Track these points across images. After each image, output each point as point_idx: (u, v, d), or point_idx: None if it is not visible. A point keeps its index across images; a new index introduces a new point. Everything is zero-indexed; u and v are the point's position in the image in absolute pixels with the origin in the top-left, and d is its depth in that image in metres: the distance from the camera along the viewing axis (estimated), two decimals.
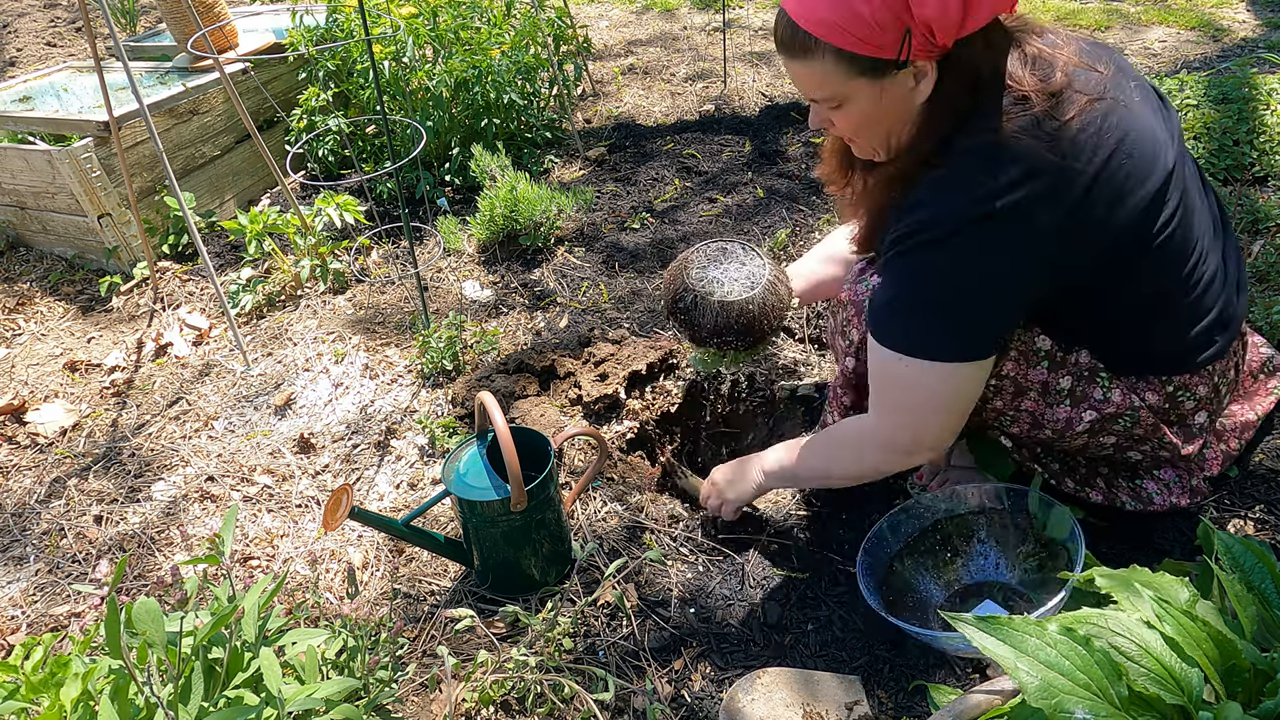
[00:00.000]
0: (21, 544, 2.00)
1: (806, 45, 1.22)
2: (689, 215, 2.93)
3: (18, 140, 3.06)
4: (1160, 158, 1.26)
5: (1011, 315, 1.31)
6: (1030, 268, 1.24)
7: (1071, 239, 1.22)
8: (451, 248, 2.86)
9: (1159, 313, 1.35)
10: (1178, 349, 1.38)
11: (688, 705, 1.47)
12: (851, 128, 1.33)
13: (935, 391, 1.33)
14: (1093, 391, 1.39)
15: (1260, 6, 4.34)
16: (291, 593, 1.76)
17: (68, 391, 2.51)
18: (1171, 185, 1.27)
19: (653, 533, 1.78)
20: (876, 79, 1.23)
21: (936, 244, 1.24)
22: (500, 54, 3.20)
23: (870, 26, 1.16)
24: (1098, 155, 1.20)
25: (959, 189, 1.22)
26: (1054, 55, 1.25)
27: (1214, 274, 1.37)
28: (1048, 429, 1.44)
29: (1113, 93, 1.25)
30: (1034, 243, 1.21)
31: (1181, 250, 1.31)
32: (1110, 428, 1.42)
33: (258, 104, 3.37)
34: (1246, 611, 1.05)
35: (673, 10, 5.16)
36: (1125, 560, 1.45)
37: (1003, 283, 1.25)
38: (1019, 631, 1.00)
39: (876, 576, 1.58)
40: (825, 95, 1.28)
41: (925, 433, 1.38)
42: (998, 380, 1.40)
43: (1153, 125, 1.28)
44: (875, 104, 1.26)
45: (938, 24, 1.15)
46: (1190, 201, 1.32)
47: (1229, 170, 2.59)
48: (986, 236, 1.21)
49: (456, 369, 2.29)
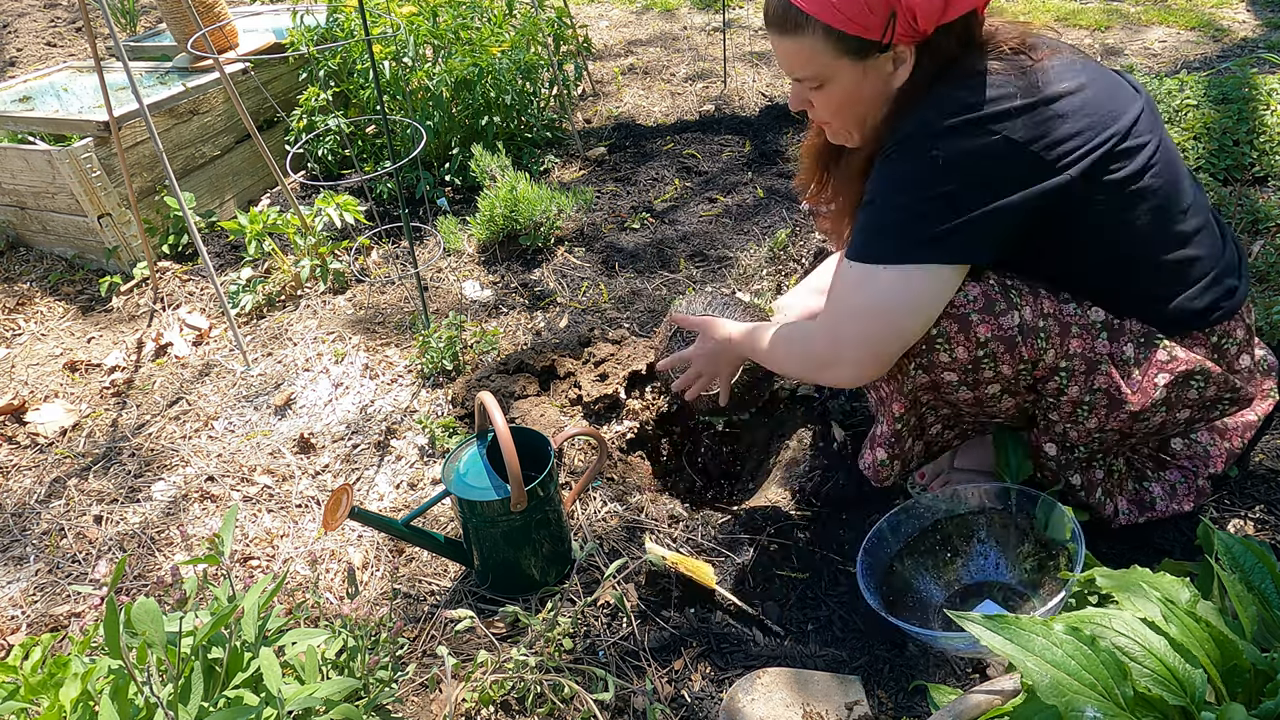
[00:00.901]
0: (21, 544, 2.00)
1: (798, 21, 1.28)
2: (689, 215, 2.93)
3: (18, 140, 3.06)
4: (1129, 100, 1.34)
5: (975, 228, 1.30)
6: (1002, 174, 1.27)
7: (1053, 151, 1.26)
8: (451, 248, 2.86)
9: (1175, 257, 1.38)
10: (1209, 299, 1.40)
11: (688, 705, 1.47)
12: (831, 109, 1.39)
13: (866, 294, 1.35)
14: (1156, 354, 1.39)
15: (1260, 6, 4.34)
16: (291, 593, 1.76)
17: (68, 391, 2.51)
18: (1142, 124, 1.32)
19: (653, 533, 1.78)
20: (859, 60, 1.29)
21: (909, 155, 1.30)
22: (500, 53, 3.20)
23: (859, 6, 1.22)
24: (1064, 83, 1.28)
25: (930, 108, 1.29)
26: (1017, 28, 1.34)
27: (1207, 221, 1.42)
28: (1128, 404, 1.40)
29: (1071, 49, 1.35)
30: (1003, 153, 1.25)
31: (1175, 186, 1.35)
32: (1186, 395, 1.41)
33: (258, 104, 3.37)
34: (1247, 612, 1.05)
35: (673, 10, 5.16)
36: (1125, 560, 1.46)
37: (961, 188, 1.28)
38: (1026, 631, 1.00)
39: (876, 576, 1.57)
40: (809, 74, 1.34)
41: (844, 342, 1.39)
42: (1069, 360, 1.39)
43: (1115, 78, 1.36)
44: (856, 85, 1.33)
45: (921, 9, 1.22)
46: (1168, 145, 1.37)
47: (1229, 170, 2.59)
48: (961, 143, 1.26)
49: (456, 369, 2.29)
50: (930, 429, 1.69)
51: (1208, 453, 1.57)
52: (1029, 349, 1.40)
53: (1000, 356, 1.41)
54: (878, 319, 1.35)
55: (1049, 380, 1.43)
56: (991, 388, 1.47)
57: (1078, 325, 1.39)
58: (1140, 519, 1.57)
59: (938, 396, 1.58)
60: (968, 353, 1.41)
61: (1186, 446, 1.57)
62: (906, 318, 1.35)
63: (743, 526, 1.80)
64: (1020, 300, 1.39)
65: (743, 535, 1.77)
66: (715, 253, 2.68)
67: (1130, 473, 1.59)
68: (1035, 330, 1.39)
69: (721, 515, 1.85)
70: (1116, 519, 1.57)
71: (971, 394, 1.51)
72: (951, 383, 1.49)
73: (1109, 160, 1.29)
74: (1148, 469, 1.58)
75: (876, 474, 1.64)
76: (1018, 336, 1.39)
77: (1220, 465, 1.57)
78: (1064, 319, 1.39)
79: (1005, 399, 1.50)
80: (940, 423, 1.69)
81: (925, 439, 1.70)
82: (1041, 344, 1.39)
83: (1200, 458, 1.57)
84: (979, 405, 1.54)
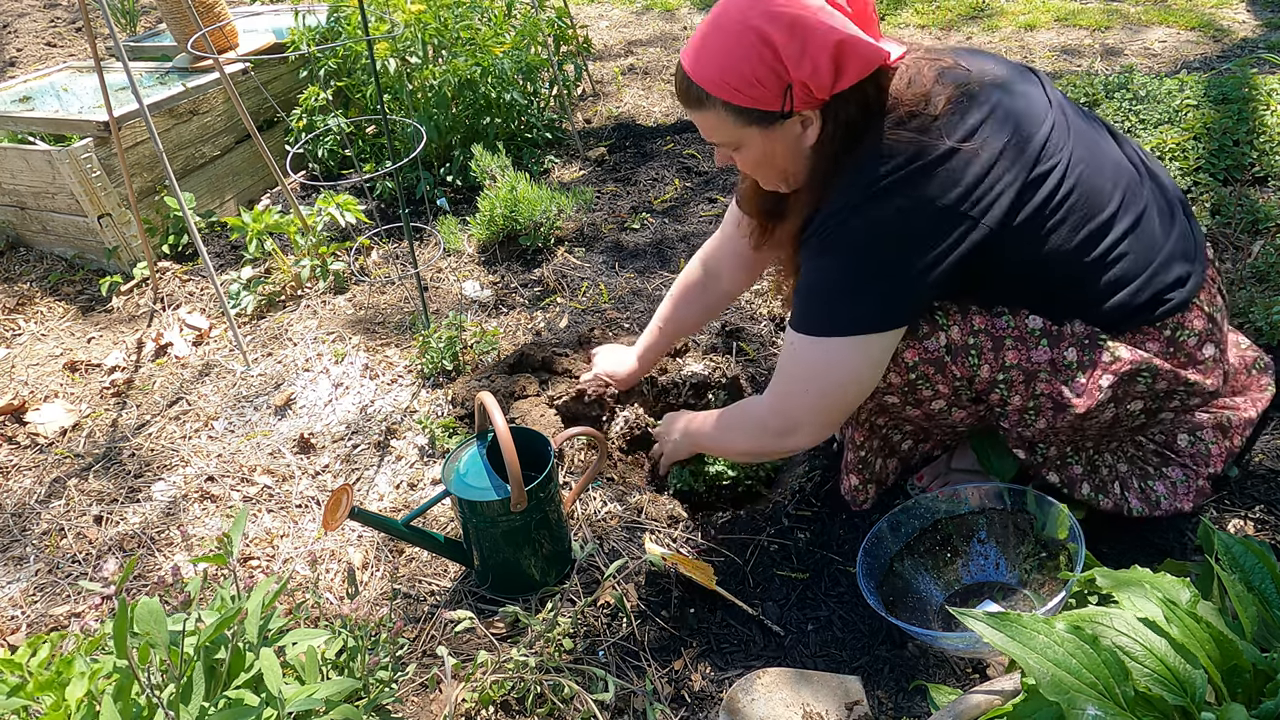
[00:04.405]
0: (21, 544, 2.00)
1: (700, 98, 1.36)
2: (689, 215, 2.93)
3: (18, 140, 3.06)
4: (1037, 120, 1.35)
5: (900, 295, 1.36)
6: (919, 239, 1.31)
7: (965, 202, 1.29)
8: (451, 248, 2.86)
9: (1105, 261, 1.38)
10: (1146, 293, 1.40)
11: (688, 705, 1.47)
12: (750, 166, 1.47)
13: (807, 365, 1.43)
14: (1100, 355, 1.39)
15: (1260, 6, 4.34)
16: (291, 593, 1.76)
17: (68, 391, 2.51)
18: (1052, 140, 1.35)
19: (653, 533, 1.78)
20: (765, 127, 1.35)
21: (829, 236, 1.36)
22: (502, 54, 3.20)
23: (753, 84, 1.30)
24: (966, 126, 1.31)
25: (848, 186, 1.33)
26: (923, 70, 1.36)
27: (1143, 213, 1.41)
28: (1072, 407, 1.42)
29: (978, 78, 1.37)
30: (920, 214, 1.29)
31: (1092, 194, 1.36)
32: (1133, 389, 1.41)
33: (258, 104, 3.37)
34: (1247, 612, 1.05)
35: (673, 10, 5.16)
36: (1125, 560, 1.46)
37: (886, 258, 1.33)
38: (1028, 629, 1.00)
39: (876, 576, 1.58)
40: (721, 140, 1.42)
41: (795, 413, 1.47)
42: (1005, 373, 1.40)
43: (1025, 96, 1.38)
44: (768, 148, 1.39)
45: (813, 83, 1.29)
46: (1087, 151, 1.39)
47: (1229, 170, 2.59)
48: (875, 213, 1.31)
49: (456, 369, 2.29)
50: (900, 445, 1.73)
51: (1209, 451, 1.57)
52: (960, 367, 1.43)
53: (932, 377, 1.46)
54: (823, 387, 1.43)
55: (990, 392, 1.45)
56: (936, 404, 1.51)
57: (1012, 337, 1.40)
58: (1149, 514, 1.57)
59: (891, 418, 1.61)
60: (900, 377, 1.47)
61: (1190, 444, 1.57)
62: (851, 384, 1.42)
63: (743, 527, 1.80)
64: (947, 320, 1.42)
65: (743, 535, 1.77)
66: None
67: (1134, 470, 1.59)
68: (965, 348, 1.41)
69: (721, 515, 1.85)
70: (1128, 511, 1.56)
71: (919, 410, 1.55)
72: (895, 404, 1.54)
73: (1022, 195, 1.32)
74: (1150, 466, 1.58)
75: (854, 498, 1.72)
76: (945, 357, 1.42)
77: (1220, 465, 1.57)
78: (996, 333, 1.40)
79: (955, 411, 1.53)
80: (909, 438, 1.73)
81: (898, 455, 1.75)
82: (973, 360, 1.42)
83: (1202, 456, 1.57)
84: (931, 420, 1.58)
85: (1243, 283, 2.16)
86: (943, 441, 1.77)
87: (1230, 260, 2.25)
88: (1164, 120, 2.80)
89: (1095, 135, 1.44)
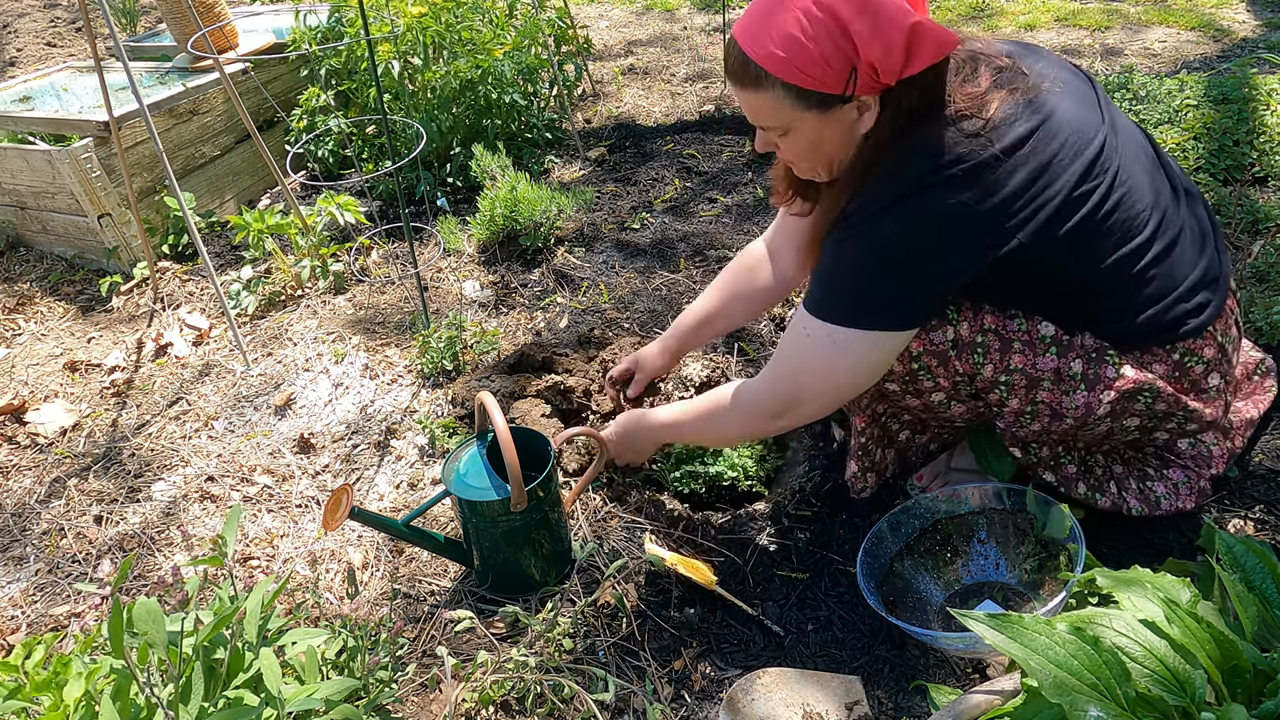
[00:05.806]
0: (21, 544, 2.00)
1: (758, 77, 1.27)
2: (689, 215, 2.93)
3: (18, 140, 3.06)
4: (1088, 135, 1.31)
5: (921, 295, 1.34)
6: (951, 243, 1.28)
7: (1003, 214, 1.26)
8: (451, 248, 2.86)
9: (1132, 283, 1.36)
10: (1167, 316, 1.39)
11: (688, 705, 1.47)
12: (795, 154, 1.40)
13: (817, 350, 1.39)
14: (1105, 371, 1.38)
15: (1260, 6, 4.34)
16: (291, 593, 1.76)
17: (68, 391, 2.50)
18: (1102, 159, 1.31)
19: (653, 533, 1.78)
20: (822, 111, 1.29)
21: (861, 225, 1.32)
22: (502, 55, 3.20)
23: (818, 64, 1.22)
24: (1016, 134, 1.26)
25: (891, 177, 1.29)
26: (979, 67, 1.32)
27: (1177, 238, 1.38)
28: (1069, 417, 1.42)
29: (1035, 83, 1.32)
30: (955, 217, 1.26)
31: (1130, 219, 1.34)
32: (1132, 407, 1.41)
33: (258, 104, 3.37)
34: (1247, 612, 1.05)
35: (673, 10, 5.16)
36: (1126, 560, 1.45)
37: (913, 257, 1.30)
38: (1029, 630, 1.00)
39: (876, 576, 1.58)
40: (773, 123, 1.34)
41: (796, 393, 1.45)
42: (1008, 375, 1.40)
43: (1079, 108, 1.33)
44: (820, 134, 1.33)
45: (882, 66, 1.21)
46: (1130, 172, 1.35)
47: (1229, 170, 2.59)
48: (905, 213, 1.27)
49: (456, 369, 2.29)
50: (898, 436, 1.73)
51: (1210, 453, 1.57)
52: (964, 363, 1.42)
53: (934, 369, 1.45)
54: (829, 372, 1.41)
55: (990, 391, 1.45)
56: (936, 395, 1.51)
57: (1021, 341, 1.39)
58: (1148, 513, 1.57)
59: (890, 405, 1.61)
60: (902, 365, 1.46)
61: (1191, 446, 1.57)
62: (861, 372, 1.40)
63: (743, 526, 1.80)
64: (958, 316, 1.41)
65: (743, 535, 1.77)
66: (715, 252, 2.68)
67: (1131, 471, 1.59)
68: (972, 345, 1.41)
69: (721, 515, 1.85)
70: (1127, 510, 1.56)
71: (918, 401, 1.55)
72: (895, 392, 1.54)
73: (1062, 212, 1.28)
74: (1150, 468, 1.58)
75: (854, 485, 1.71)
76: (950, 351, 1.42)
77: (1221, 466, 1.57)
78: (1006, 334, 1.40)
79: (954, 405, 1.53)
80: (907, 429, 1.73)
81: (896, 446, 1.75)
82: (978, 358, 1.41)
83: (1204, 458, 1.57)
84: (930, 412, 1.58)
85: (1243, 283, 2.16)
86: (940, 435, 1.77)
87: (1230, 260, 2.25)
88: (1164, 120, 2.80)
89: (1140, 154, 1.41)
